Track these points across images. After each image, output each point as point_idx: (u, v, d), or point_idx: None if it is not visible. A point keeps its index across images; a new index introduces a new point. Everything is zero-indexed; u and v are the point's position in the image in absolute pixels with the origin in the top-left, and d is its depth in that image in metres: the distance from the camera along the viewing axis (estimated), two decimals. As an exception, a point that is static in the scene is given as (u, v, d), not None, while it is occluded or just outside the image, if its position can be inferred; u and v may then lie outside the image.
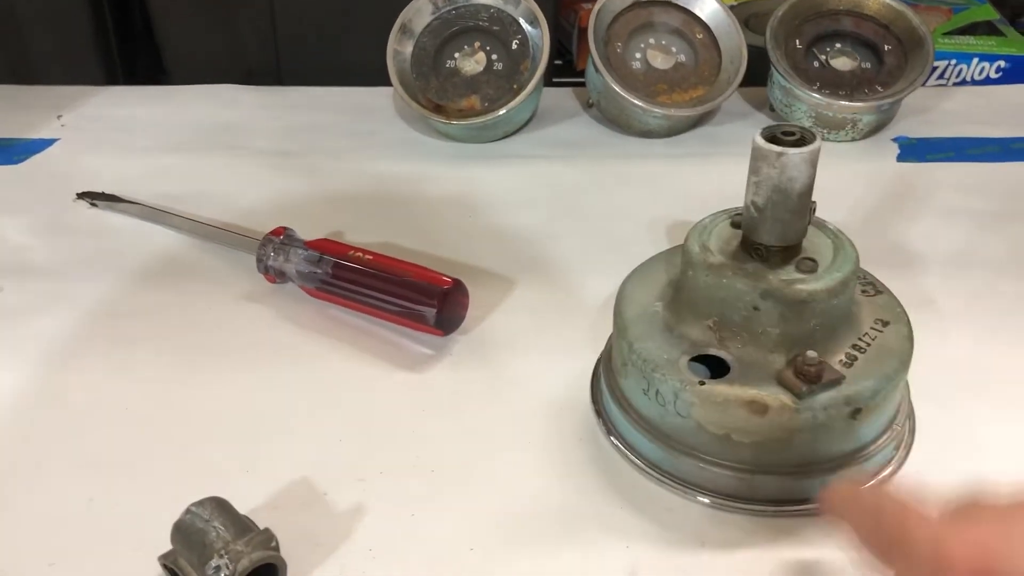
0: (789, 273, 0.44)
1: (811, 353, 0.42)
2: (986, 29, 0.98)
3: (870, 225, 0.66)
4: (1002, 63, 0.93)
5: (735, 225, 0.46)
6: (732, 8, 0.78)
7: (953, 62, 0.93)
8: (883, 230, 0.66)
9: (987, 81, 0.93)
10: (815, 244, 0.45)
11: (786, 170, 0.41)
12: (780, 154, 0.41)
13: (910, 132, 0.78)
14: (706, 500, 0.45)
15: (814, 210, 0.45)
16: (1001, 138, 0.78)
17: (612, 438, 0.48)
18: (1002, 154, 0.75)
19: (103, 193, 0.69)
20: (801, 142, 0.42)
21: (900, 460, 0.47)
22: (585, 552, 0.43)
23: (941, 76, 0.93)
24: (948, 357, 0.54)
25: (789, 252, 0.44)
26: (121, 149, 0.78)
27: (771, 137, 0.42)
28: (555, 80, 0.89)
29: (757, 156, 0.42)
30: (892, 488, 0.36)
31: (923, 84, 0.75)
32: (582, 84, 0.81)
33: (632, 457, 0.47)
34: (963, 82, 0.94)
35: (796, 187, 0.42)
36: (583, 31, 0.88)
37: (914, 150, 0.75)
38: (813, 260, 0.44)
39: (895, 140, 0.77)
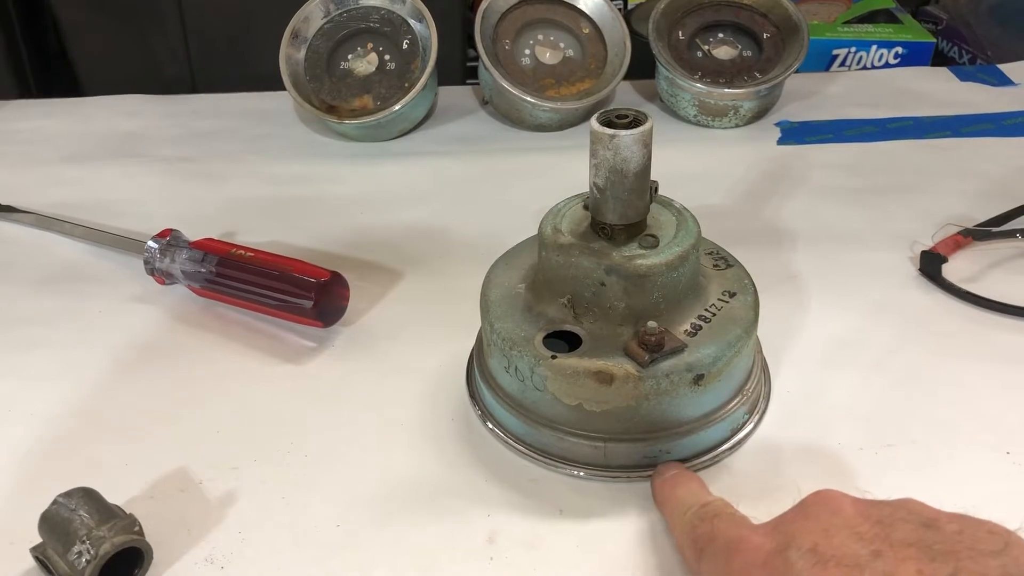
0: (632, 249, 0.46)
1: (652, 324, 0.44)
2: (885, 17, 1.02)
3: (745, 206, 0.69)
4: (900, 49, 0.97)
5: (586, 207, 0.49)
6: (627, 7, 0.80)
7: (853, 49, 0.97)
8: (757, 210, 0.69)
9: (887, 67, 0.97)
10: (659, 221, 0.48)
11: (620, 151, 0.44)
12: (612, 136, 0.43)
13: (793, 116, 0.82)
14: (569, 470, 0.47)
15: (656, 189, 0.47)
16: (879, 119, 0.81)
17: (482, 417, 0.50)
18: (879, 134, 0.79)
19: (-1, 204, 0.70)
20: (634, 124, 0.44)
21: (755, 423, 0.49)
22: (448, 522, 0.45)
23: (843, 63, 0.96)
24: (807, 326, 0.56)
25: (633, 230, 0.47)
26: (21, 161, 0.78)
27: (607, 121, 0.44)
28: (469, 81, 0.91)
29: (594, 139, 0.44)
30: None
31: (812, 68, 0.78)
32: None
33: (500, 433, 0.49)
34: (863, 68, 0.97)
35: (631, 167, 0.44)
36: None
37: (794, 133, 0.79)
38: (655, 236, 0.47)
39: (777, 124, 0.80)
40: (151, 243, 0.59)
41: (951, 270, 0.59)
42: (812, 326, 0.57)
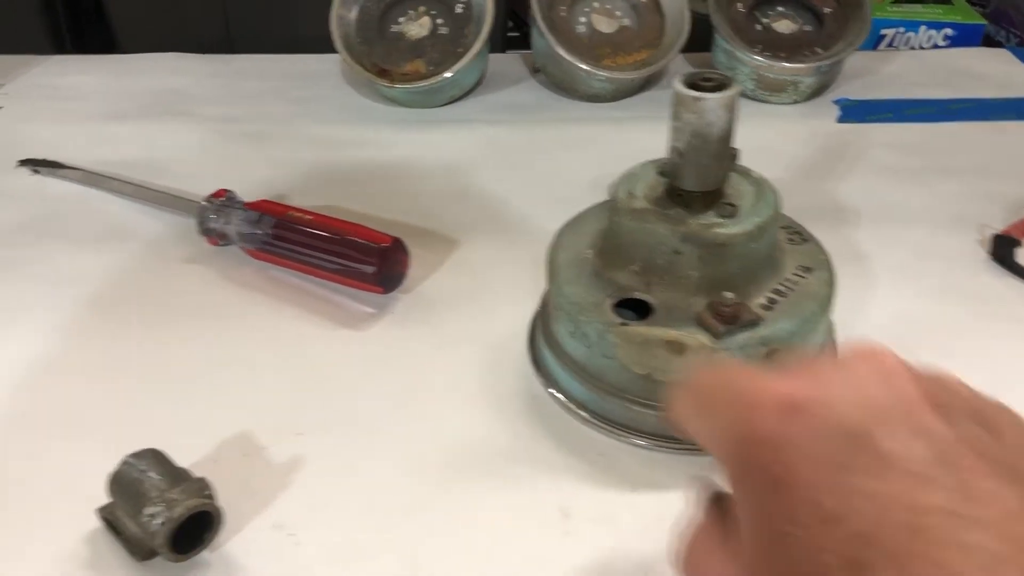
0: (709, 218, 0.45)
1: (728, 294, 0.43)
2: (934, -4, 1.00)
3: (807, 182, 0.68)
4: (949, 31, 0.94)
5: (662, 173, 0.47)
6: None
7: (901, 30, 0.95)
8: (819, 186, 0.67)
9: (935, 49, 0.95)
10: (737, 190, 0.47)
11: (704, 115, 0.42)
12: (698, 99, 0.42)
13: (851, 95, 0.80)
14: (637, 441, 0.46)
15: (736, 157, 0.46)
16: (939, 99, 0.79)
17: (546, 384, 0.49)
18: (940, 114, 0.77)
19: (45, 160, 0.69)
20: (720, 88, 0.43)
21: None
22: (519, 492, 0.44)
23: (890, 44, 0.94)
24: (874, 308, 0.55)
25: (710, 197, 0.45)
26: (64, 117, 0.77)
27: (691, 84, 0.43)
28: (509, 51, 0.90)
29: (677, 102, 0.43)
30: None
31: (860, 46, 0.76)
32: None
33: (564, 400, 0.48)
34: (911, 49, 0.95)
35: (715, 132, 0.43)
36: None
37: (854, 111, 0.77)
38: (733, 205, 0.45)
39: (836, 102, 0.78)
40: (205, 203, 0.58)
41: (1024, 254, 0.58)
42: (880, 308, 0.55)
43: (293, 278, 0.58)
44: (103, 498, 0.41)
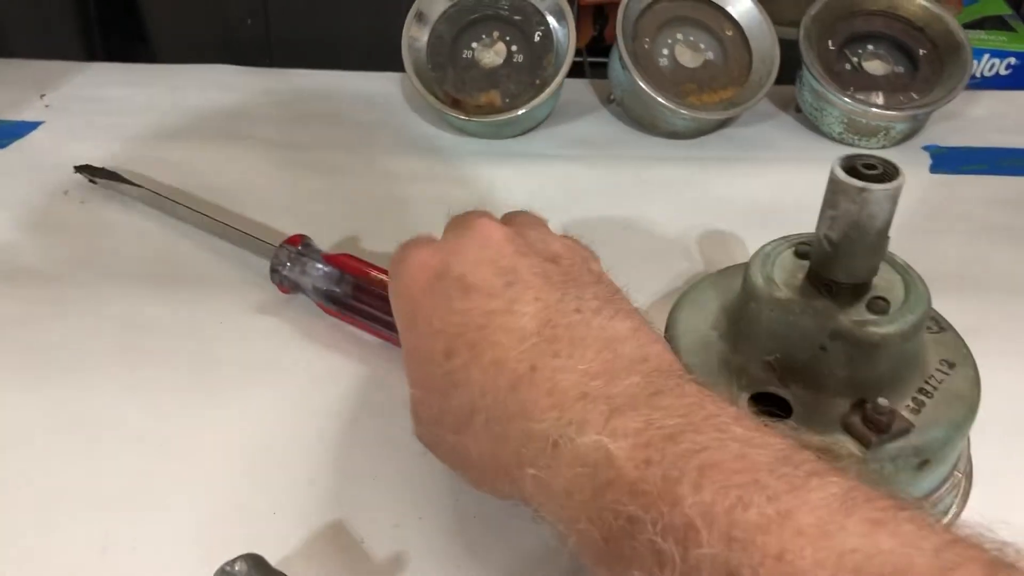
0: (860, 313, 0.41)
1: (883, 401, 0.40)
2: (996, 24, 0.96)
3: (903, 242, 0.63)
4: (1012, 60, 0.91)
5: (800, 256, 0.44)
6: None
7: (964, 58, 0.91)
8: (917, 248, 0.62)
9: (996, 78, 0.91)
10: (885, 281, 0.43)
11: (867, 206, 0.39)
12: (863, 190, 0.38)
13: (939, 140, 0.76)
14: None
15: (887, 245, 0.42)
16: (1036, 148, 0.75)
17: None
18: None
19: (104, 169, 0.65)
20: (883, 177, 0.39)
21: (959, 508, 0.45)
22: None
23: (950, 73, 0.91)
24: (995, 391, 0.51)
25: (859, 290, 0.42)
26: (111, 134, 0.73)
27: (850, 169, 0.39)
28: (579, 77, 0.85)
29: (836, 190, 0.39)
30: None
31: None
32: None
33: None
34: (972, 78, 0.91)
35: (876, 224, 0.39)
36: (582, 8, 0.85)
37: (946, 160, 0.73)
38: (885, 300, 0.42)
39: (925, 148, 0.74)
40: (282, 249, 0.54)
41: None
42: (1001, 391, 0.51)
43: (372, 337, 0.54)
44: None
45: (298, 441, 0.47)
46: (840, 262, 0.41)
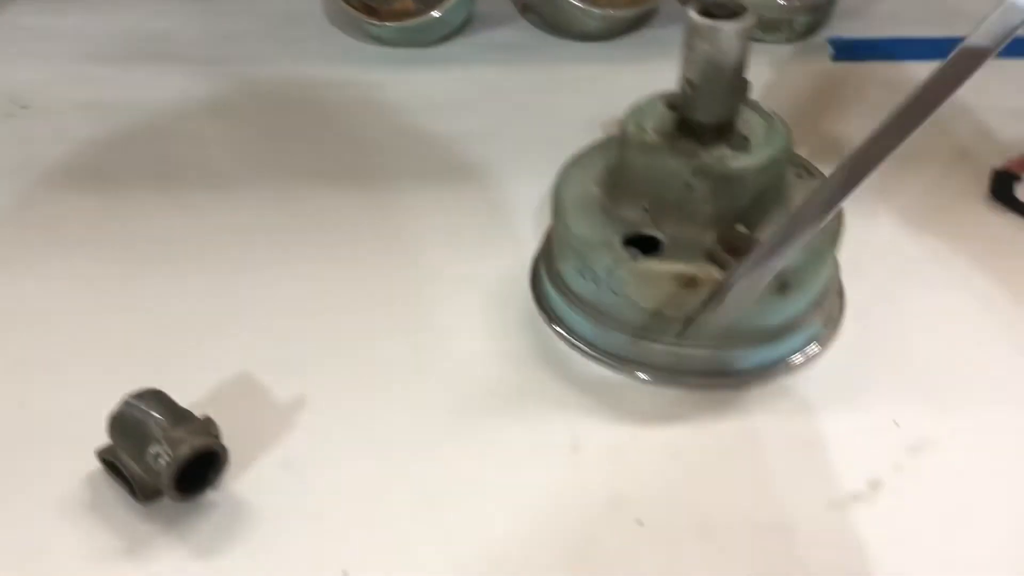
0: (721, 150, 0.44)
1: (740, 228, 0.43)
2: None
3: (804, 121, 0.67)
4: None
5: (670, 106, 0.46)
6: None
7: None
8: (817, 125, 0.67)
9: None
10: (748, 123, 0.46)
11: (719, 44, 0.41)
12: (713, 28, 0.41)
13: (844, 34, 0.79)
14: (642, 376, 0.46)
15: (748, 89, 0.45)
16: (935, 38, 0.79)
17: (552, 323, 0.49)
18: (937, 53, 0.76)
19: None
20: (734, 16, 0.42)
21: (828, 337, 0.48)
22: (527, 429, 0.44)
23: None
24: (876, 245, 0.55)
25: (722, 130, 0.44)
26: (44, 59, 0.74)
27: (705, 12, 0.42)
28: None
29: (691, 32, 0.42)
30: None
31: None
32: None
33: (571, 338, 0.48)
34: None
35: (729, 61, 0.42)
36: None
37: (849, 50, 0.76)
38: (746, 138, 0.45)
39: (829, 41, 0.77)
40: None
41: (1024, 189, 0.58)
42: (882, 244, 0.55)
43: (294, 216, 0.56)
44: (101, 439, 0.40)
45: (217, 307, 0.50)
46: (701, 102, 0.43)
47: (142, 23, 0.80)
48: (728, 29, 0.41)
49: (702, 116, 0.44)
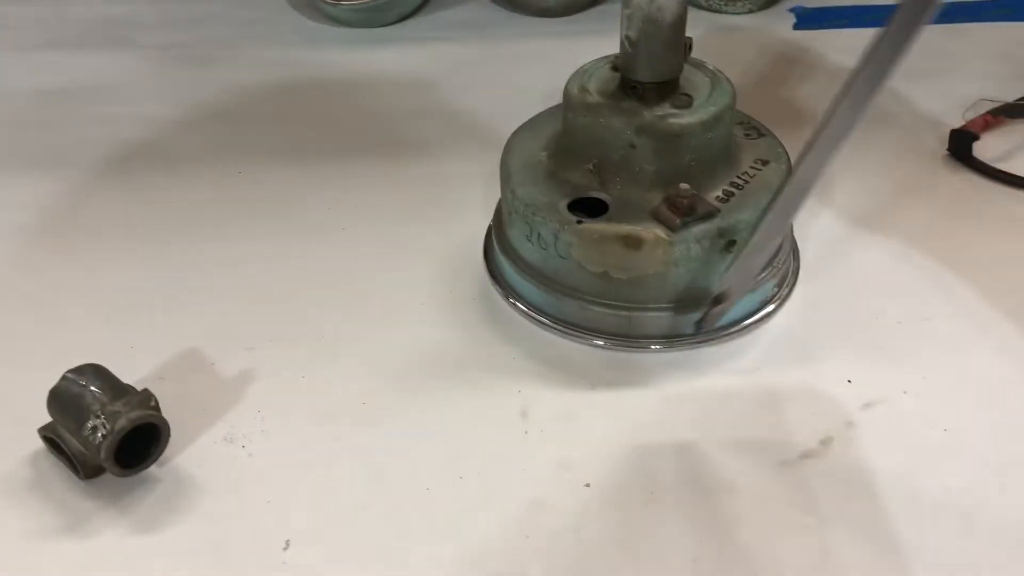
0: (664, 109, 0.43)
1: (684, 186, 0.42)
2: None
3: (765, 89, 0.67)
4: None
5: (615, 68, 0.46)
6: None
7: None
8: (778, 93, 0.66)
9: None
10: (692, 82, 0.45)
11: (656, 0, 0.41)
12: (648, -18, 0.41)
13: (806, 2, 0.78)
14: (596, 341, 0.45)
15: (690, 47, 0.45)
16: (895, 4, 0.78)
17: (502, 291, 0.48)
18: (897, 21, 0.76)
19: None
20: (669, -29, 0.41)
21: (783, 297, 0.48)
22: (478, 398, 0.43)
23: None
24: (834, 205, 0.55)
25: (665, 88, 0.44)
26: (-2, 46, 0.74)
27: (639, -33, 0.41)
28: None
29: (627, -14, 0.41)
30: None
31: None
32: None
33: (520, 306, 0.47)
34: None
35: (667, 17, 0.42)
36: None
37: (810, 18, 0.76)
38: (688, 96, 0.44)
39: (791, 10, 0.77)
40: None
41: (982, 148, 0.57)
42: (839, 204, 0.55)
43: (247, 194, 0.56)
44: (44, 418, 0.40)
45: (161, 284, 0.50)
46: (641, 61, 0.43)
47: (98, 9, 0.79)
48: (664, -16, 0.41)
49: (643, 75, 0.43)
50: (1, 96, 0.67)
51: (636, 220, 0.43)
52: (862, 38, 0.72)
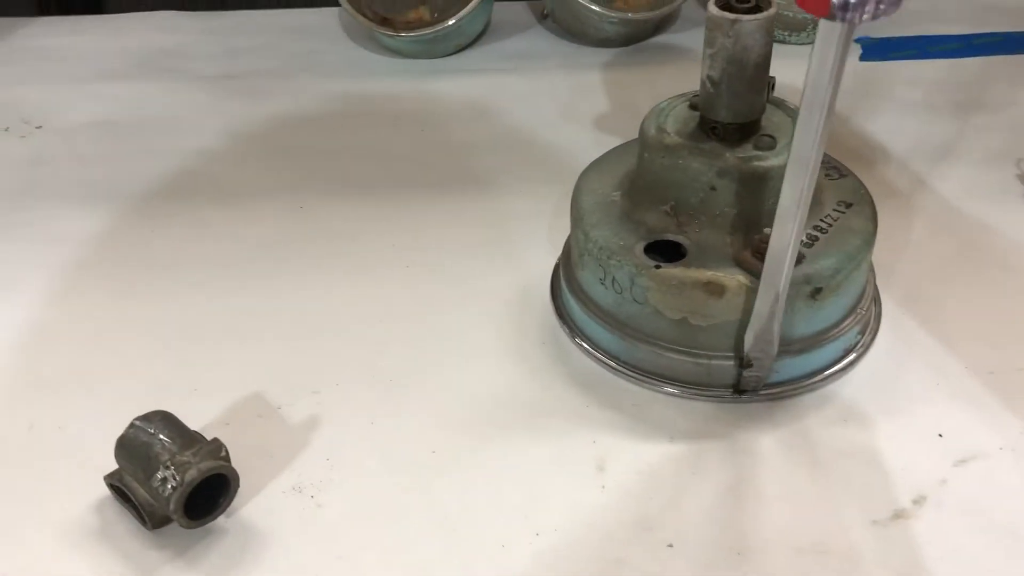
0: (746, 150, 0.42)
1: (768, 230, 0.41)
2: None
3: (841, 126, 0.65)
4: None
5: (693, 107, 0.45)
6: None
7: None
8: (845, 127, 0.64)
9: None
10: (774, 122, 0.44)
11: (740, 39, 0.40)
12: (734, 21, 0.39)
13: (872, 32, 0.76)
14: (670, 389, 0.44)
15: (773, 85, 0.43)
16: (963, 35, 0.76)
17: (572, 334, 0.47)
18: (964, 50, 0.74)
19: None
20: (756, 10, 0.40)
21: (866, 345, 0.46)
22: (551, 446, 0.42)
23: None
24: (914, 246, 0.53)
25: (747, 129, 0.42)
26: (54, 78, 0.74)
27: (725, 6, 0.40)
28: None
29: (711, 26, 0.40)
30: None
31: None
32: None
33: (593, 351, 0.46)
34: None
35: (752, 57, 0.40)
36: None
37: (876, 49, 0.74)
38: (772, 137, 0.42)
39: (857, 41, 0.75)
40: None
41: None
42: (920, 245, 0.53)
43: (308, 230, 0.55)
44: (110, 464, 0.39)
45: (221, 323, 0.49)
46: (723, 101, 0.42)
47: (155, 40, 0.80)
48: (749, 22, 0.39)
49: (725, 115, 0.42)
50: (59, 129, 0.67)
51: (716, 265, 0.41)
52: (929, 69, 0.71)
